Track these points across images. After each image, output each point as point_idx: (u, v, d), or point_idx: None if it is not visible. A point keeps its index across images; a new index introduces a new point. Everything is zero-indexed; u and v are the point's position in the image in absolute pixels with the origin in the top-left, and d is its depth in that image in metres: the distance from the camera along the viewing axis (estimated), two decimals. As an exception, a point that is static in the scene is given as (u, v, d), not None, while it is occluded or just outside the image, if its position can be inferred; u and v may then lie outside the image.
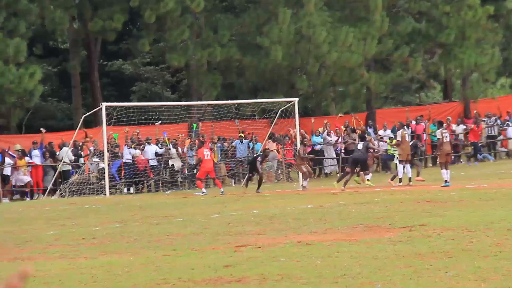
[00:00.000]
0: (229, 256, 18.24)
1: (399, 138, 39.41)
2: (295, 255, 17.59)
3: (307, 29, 52.90)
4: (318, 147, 50.76)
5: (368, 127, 52.16)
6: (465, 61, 58.31)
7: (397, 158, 43.46)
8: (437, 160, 40.56)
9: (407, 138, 39.65)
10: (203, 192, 40.16)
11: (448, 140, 38.22)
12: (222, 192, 40.01)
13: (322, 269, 15.63)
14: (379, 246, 18.29)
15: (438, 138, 38.86)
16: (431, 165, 52.41)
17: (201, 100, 52.65)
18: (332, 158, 51.00)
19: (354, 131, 48.66)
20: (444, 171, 37.15)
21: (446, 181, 36.40)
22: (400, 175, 39.32)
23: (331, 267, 15.86)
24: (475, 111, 56.33)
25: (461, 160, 53.51)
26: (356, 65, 54.74)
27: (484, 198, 28.89)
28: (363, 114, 57.67)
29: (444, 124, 41.79)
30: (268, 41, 53.02)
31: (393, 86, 64.90)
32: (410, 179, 38.58)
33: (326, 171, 52.06)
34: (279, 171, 49.29)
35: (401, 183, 38.77)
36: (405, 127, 44.05)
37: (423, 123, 52.92)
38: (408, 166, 39.51)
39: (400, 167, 40.15)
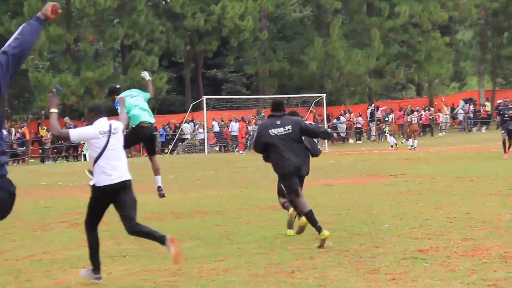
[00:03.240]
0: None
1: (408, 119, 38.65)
2: (323, 192, 18.01)
3: (331, 51, 52.78)
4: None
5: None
6: (430, 72, 57.95)
7: (387, 132, 43.49)
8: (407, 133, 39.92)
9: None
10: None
11: (416, 121, 38.16)
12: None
13: (340, 201, 16.00)
14: (375, 187, 18.62)
15: (408, 120, 38.83)
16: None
17: (264, 95, 52.78)
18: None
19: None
20: (410, 140, 37.21)
21: (412, 146, 36.56)
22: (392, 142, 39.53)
23: (346, 200, 16.22)
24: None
25: (437, 134, 53.09)
26: (362, 74, 54.62)
27: (441, 157, 28.97)
28: (365, 104, 57.51)
29: (414, 111, 41.51)
30: (307, 58, 53.06)
31: (385, 87, 64.85)
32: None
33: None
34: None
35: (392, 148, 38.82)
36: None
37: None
38: (391, 136, 39.97)
39: (390, 138, 40.26)
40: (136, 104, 13.44)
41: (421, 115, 50.02)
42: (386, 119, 48.67)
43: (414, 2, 55.45)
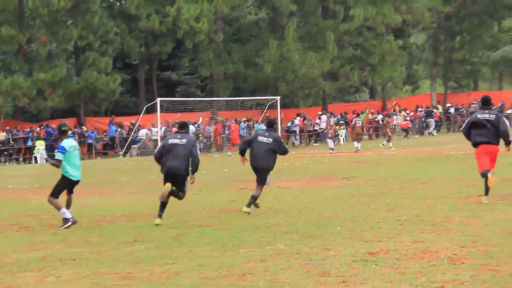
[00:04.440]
0: (235, 195, 18.70)
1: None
2: (276, 195, 18.07)
3: (286, 53, 52.89)
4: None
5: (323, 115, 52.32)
6: (384, 75, 58.50)
7: (341, 135, 43.61)
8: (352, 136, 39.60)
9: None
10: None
11: (360, 125, 38.09)
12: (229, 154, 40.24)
13: (293, 204, 16.06)
14: (328, 190, 18.73)
15: (353, 124, 38.57)
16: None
17: (219, 97, 52.74)
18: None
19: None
20: (355, 143, 37.15)
21: (357, 149, 36.40)
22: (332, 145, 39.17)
23: (298, 203, 16.28)
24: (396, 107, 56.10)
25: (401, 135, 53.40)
26: (317, 76, 54.85)
27: (393, 160, 29.25)
28: (319, 107, 57.78)
29: (360, 114, 41.53)
30: (262, 60, 53.11)
31: (339, 90, 65.26)
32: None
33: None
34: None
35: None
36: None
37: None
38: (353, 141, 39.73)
39: (330, 141, 39.97)
40: (74, 160, 14.21)
41: (375, 118, 50.39)
42: (341, 122, 48.90)
43: (369, 6, 55.84)
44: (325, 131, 42.92)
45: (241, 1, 53.46)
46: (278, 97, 46.43)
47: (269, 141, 14.89)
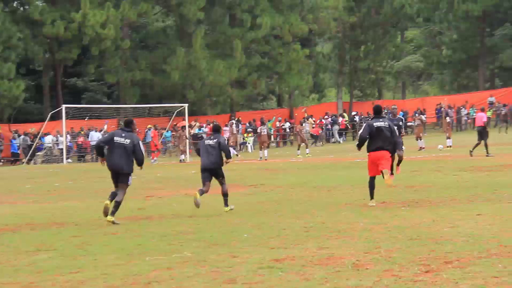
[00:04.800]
0: (142, 203, 18.58)
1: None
2: (183, 202, 17.99)
3: (194, 61, 52.86)
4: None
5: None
6: (291, 83, 59.13)
7: (249, 143, 43.78)
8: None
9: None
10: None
11: (265, 133, 38.36)
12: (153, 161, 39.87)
13: (200, 211, 16.00)
14: (235, 197, 18.65)
15: (259, 132, 38.80)
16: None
17: (126, 104, 52.28)
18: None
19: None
20: (260, 152, 37.42)
21: (261, 158, 36.65)
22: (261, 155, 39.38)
23: (205, 210, 16.15)
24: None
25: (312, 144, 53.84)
26: (224, 84, 55.01)
27: (300, 168, 29.54)
28: (227, 115, 57.89)
29: (266, 123, 41.80)
30: (170, 67, 52.92)
31: (247, 98, 65.54)
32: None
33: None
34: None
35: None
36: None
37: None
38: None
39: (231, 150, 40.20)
40: None
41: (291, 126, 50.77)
42: (249, 129, 49.14)
43: (275, 14, 56.36)
44: (228, 139, 43.07)
45: (148, 8, 53.20)
46: (186, 105, 46.31)
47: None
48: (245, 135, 48.55)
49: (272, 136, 49.44)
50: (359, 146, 15.53)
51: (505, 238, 10.45)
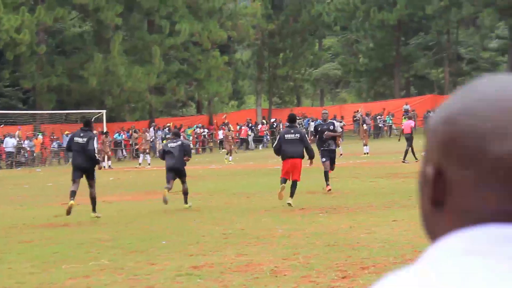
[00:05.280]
0: (58, 210, 18.28)
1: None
2: (101, 210, 17.75)
3: (112, 67, 52.40)
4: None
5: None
6: (210, 90, 59.14)
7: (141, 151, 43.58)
8: None
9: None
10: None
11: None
12: None
13: (118, 218, 15.87)
14: (154, 204, 18.54)
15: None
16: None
17: (42, 110, 51.43)
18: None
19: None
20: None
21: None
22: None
23: (124, 217, 16.12)
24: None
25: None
26: (143, 90, 54.68)
27: (219, 174, 29.53)
28: (146, 121, 57.53)
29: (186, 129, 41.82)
30: (87, 73, 52.28)
31: (166, 104, 65.27)
32: None
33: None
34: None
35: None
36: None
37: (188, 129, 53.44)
38: None
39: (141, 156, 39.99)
40: None
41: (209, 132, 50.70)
42: (168, 136, 48.92)
43: (194, 21, 56.32)
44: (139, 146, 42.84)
45: (65, 13, 52.49)
46: (104, 111, 45.88)
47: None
48: (164, 142, 48.27)
49: (191, 143, 49.29)
50: (277, 154, 17.04)
51: (420, 243, 10.65)
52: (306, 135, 17.89)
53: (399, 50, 68.86)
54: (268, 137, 58.18)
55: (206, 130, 55.71)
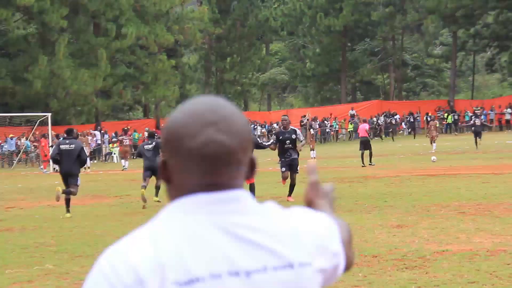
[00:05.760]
0: (2, 214, 18.02)
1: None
2: (45, 214, 17.54)
3: (57, 70, 51.85)
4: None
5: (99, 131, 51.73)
6: (157, 93, 58.92)
7: (114, 153, 43.26)
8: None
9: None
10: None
11: (127, 143, 38.35)
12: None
13: (63, 223, 15.70)
14: (100, 208, 18.48)
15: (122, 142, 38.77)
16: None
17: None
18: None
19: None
20: (122, 161, 37.31)
21: (124, 167, 36.57)
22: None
23: (69, 221, 15.93)
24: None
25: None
26: (89, 94, 54.20)
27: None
28: (92, 125, 57.06)
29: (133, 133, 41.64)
30: (32, 76, 51.65)
31: (112, 107, 64.80)
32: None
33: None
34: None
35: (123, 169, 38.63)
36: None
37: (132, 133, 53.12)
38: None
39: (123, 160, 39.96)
40: None
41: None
42: (114, 139, 48.51)
43: (141, 24, 56.05)
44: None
45: (8, 15, 51.76)
46: (49, 114, 45.27)
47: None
48: (111, 145, 47.88)
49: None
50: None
51: (365, 247, 10.74)
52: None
53: (345, 56, 69.49)
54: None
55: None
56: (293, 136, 18.09)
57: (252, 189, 17.03)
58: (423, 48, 76.53)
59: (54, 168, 40.13)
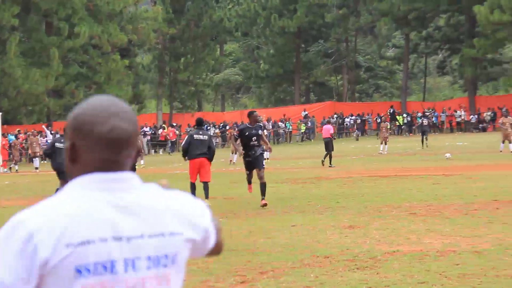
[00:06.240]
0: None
1: None
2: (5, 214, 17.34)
3: (8, 69, 51.16)
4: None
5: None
6: (110, 93, 58.20)
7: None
8: None
9: None
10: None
11: None
12: None
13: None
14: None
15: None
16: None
17: None
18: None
19: None
20: None
21: None
22: None
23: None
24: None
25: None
26: (41, 93, 53.58)
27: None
28: (44, 124, 56.45)
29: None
30: (-19, 75, 51.06)
31: (64, 107, 64.11)
32: None
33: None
34: None
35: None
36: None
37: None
38: None
39: None
40: None
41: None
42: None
43: (94, 24, 55.60)
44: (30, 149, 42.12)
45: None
46: (0, 113, 44.67)
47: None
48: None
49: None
50: (184, 155, 17.39)
51: (318, 248, 10.79)
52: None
53: (299, 57, 69.77)
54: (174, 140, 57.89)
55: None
56: (260, 132, 16.95)
57: (206, 187, 17.08)
58: (376, 50, 77.17)
59: (11, 168, 39.72)
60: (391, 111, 62.49)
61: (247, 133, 16.67)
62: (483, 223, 12.64)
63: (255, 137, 16.67)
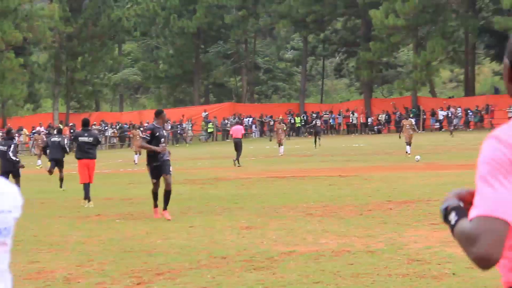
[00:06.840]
0: None
1: None
2: None
3: None
4: None
5: None
6: (4, 92, 57.03)
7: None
8: None
9: None
10: None
11: (41, 142, 37.28)
12: None
13: None
14: None
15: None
16: None
17: None
18: None
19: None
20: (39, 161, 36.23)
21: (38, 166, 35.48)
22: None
23: None
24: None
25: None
26: None
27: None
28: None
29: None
30: None
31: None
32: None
33: None
34: None
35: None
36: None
37: None
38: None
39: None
40: None
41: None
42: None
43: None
44: None
45: None
46: None
47: (59, 139, 22.69)
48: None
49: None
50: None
51: (215, 249, 10.81)
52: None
53: (198, 58, 69.76)
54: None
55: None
56: (164, 133, 15.50)
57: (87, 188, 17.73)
58: (275, 52, 77.88)
59: None
60: (291, 112, 63.27)
61: (157, 134, 14.84)
62: (377, 223, 12.93)
63: (163, 139, 15.02)
